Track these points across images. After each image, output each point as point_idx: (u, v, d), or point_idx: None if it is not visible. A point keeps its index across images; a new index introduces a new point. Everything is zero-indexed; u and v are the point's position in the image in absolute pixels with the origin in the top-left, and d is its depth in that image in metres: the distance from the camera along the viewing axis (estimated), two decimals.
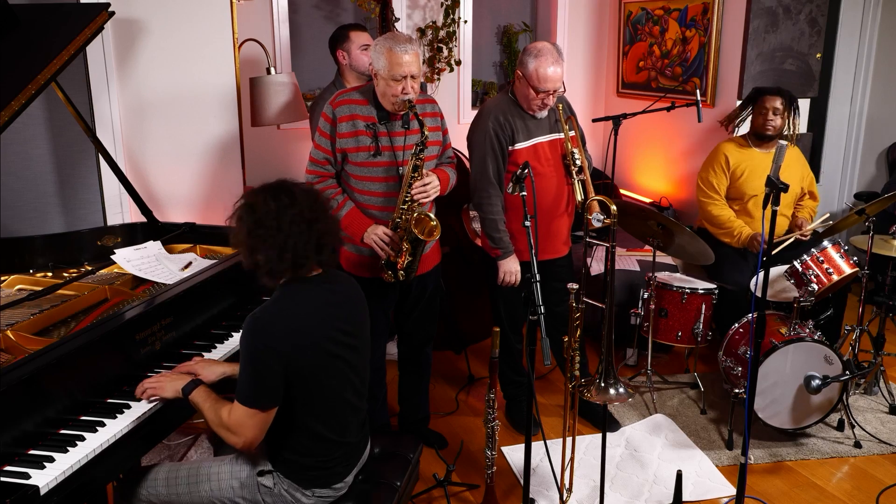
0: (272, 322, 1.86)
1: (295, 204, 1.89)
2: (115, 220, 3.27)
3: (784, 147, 2.24)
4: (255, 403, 1.84)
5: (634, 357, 3.88)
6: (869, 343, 3.59)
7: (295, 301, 1.92)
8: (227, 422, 1.88)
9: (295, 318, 1.89)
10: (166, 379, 2.05)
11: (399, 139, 2.68)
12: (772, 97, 3.63)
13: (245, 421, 1.85)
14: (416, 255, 2.68)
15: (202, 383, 2.02)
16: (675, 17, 4.60)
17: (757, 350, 2.59)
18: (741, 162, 3.70)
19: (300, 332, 1.87)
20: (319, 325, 1.92)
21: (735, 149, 3.75)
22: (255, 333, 1.84)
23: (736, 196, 3.73)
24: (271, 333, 1.84)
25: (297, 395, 1.90)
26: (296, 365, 1.86)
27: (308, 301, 1.93)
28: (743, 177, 3.70)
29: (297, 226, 1.88)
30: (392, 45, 2.55)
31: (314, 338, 1.90)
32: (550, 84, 2.89)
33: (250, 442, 1.88)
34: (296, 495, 1.99)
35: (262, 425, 1.87)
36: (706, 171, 3.78)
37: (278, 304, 1.91)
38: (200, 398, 1.97)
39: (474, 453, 3.12)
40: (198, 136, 3.38)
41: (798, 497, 2.86)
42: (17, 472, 1.70)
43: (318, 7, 4.53)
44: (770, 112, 3.62)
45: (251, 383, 1.84)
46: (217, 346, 2.41)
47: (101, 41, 3.08)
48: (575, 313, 2.48)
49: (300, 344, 1.86)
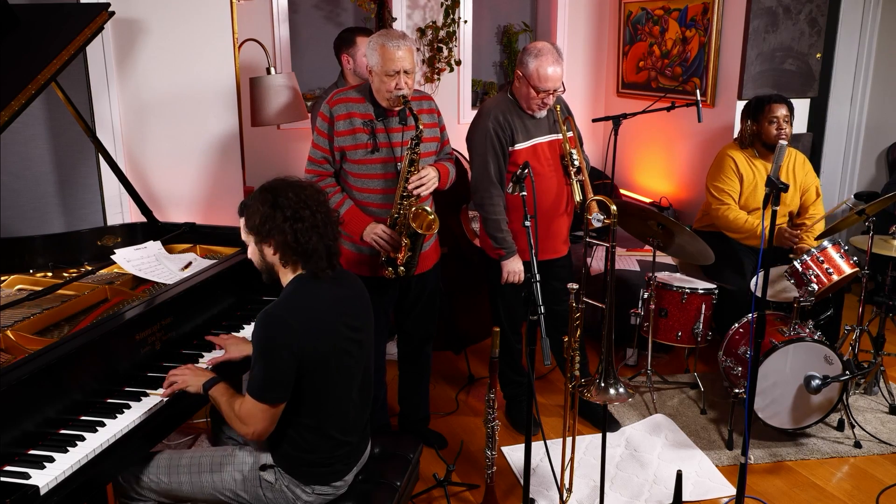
0: (286, 318, 1.88)
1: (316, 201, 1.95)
2: (115, 220, 3.26)
3: (784, 147, 2.24)
4: (265, 398, 1.88)
5: (634, 357, 3.88)
6: (869, 343, 3.59)
7: (307, 297, 1.94)
8: (239, 412, 1.92)
9: (308, 313, 1.91)
10: (191, 373, 2.08)
11: (396, 135, 2.68)
12: (779, 105, 3.55)
13: (255, 413, 1.89)
14: (415, 249, 2.69)
15: (222, 381, 2.04)
16: (675, 17, 4.60)
17: (757, 350, 2.59)
18: (748, 173, 3.63)
19: (313, 326, 1.90)
20: (331, 320, 1.95)
21: (741, 156, 3.66)
22: (269, 329, 1.86)
23: (742, 207, 3.69)
24: (285, 329, 1.86)
25: (305, 388, 1.92)
26: (308, 360, 1.88)
27: (320, 297, 1.96)
28: (751, 189, 3.63)
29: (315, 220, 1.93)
30: (385, 41, 2.56)
31: (327, 332, 1.93)
32: (551, 84, 2.89)
33: (259, 433, 1.92)
34: (296, 491, 2.00)
35: (272, 418, 1.91)
36: (716, 178, 3.67)
37: (290, 300, 1.93)
38: (218, 393, 2.01)
39: (474, 453, 3.12)
40: (198, 136, 3.38)
41: (798, 497, 2.86)
42: (17, 472, 1.70)
43: (318, 7, 4.53)
44: (781, 121, 3.54)
45: (263, 378, 1.87)
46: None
47: (101, 41, 3.07)
48: (575, 313, 2.48)
49: (313, 339, 1.89)
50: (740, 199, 3.65)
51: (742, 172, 3.63)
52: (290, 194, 1.93)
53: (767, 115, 3.57)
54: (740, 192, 3.64)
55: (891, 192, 3.63)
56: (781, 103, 3.57)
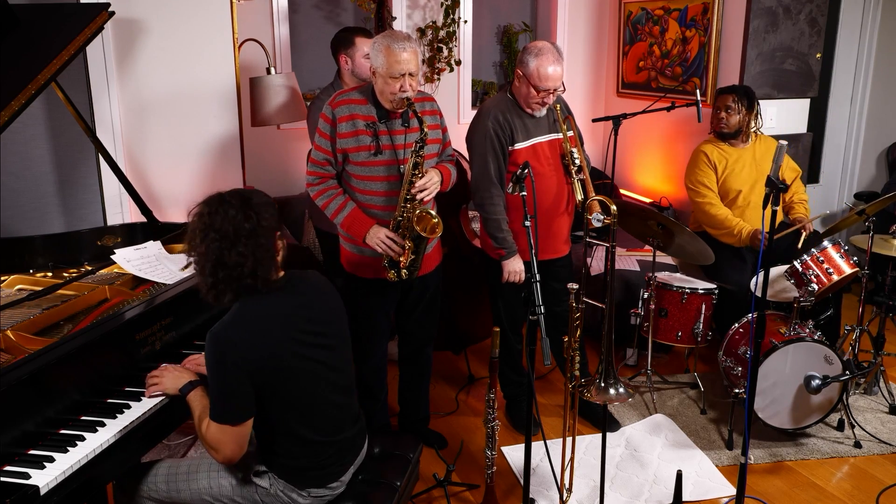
0: (230, 335, 1.81)
1: (223, 223, 1.81)
2: (115, 220, 3.27)
3: (784, 147, 2.24)
4: (226, 419, 1.82)
5: (634, 357, 3.87)
6: (869, 343, 3.59)
7: (252, 310, 1.86)
8: (206, 437, 1.87)
9: (253, 329, 1.83)
10: (168, 374, 2.05)
11: (399, 137, 2.67)
12: (723, 96, 3.73)
13: (220, 437, 1.84)
14: (418, 252, 2.68)
15: (201, 384, 2.01)
16: (675, 17, 4.60)
17: (757, 350, 2.59)
18: (720, 160, 3.73)
19: (260, 342, 1.82)
20: (281, 331, 1.87)
21: (712, 148, 3.77)
22: (216, 348, 1.80)
23: (721, 194, 3.74)
24: (231, 347, 1.79)
25: (273, 402, 1.88)
26: (262, 374, 1.82)
27: (266, 308, 1.88)
28: (725, 174, 3.72)
29: (215, 248, 1.81)
30: (390, 42, 2.55)
31: (277, 344, 1.85)
32: (551, 83, 2.89)
33: (230, 457, 1.86)
34: (291, 496, 1.99)
35: (239, 439, 1.85)
36: (692, 173, 3.78)
37: (235, 317, 1.85)
38: (195, 401, 1.97)
39: (474, 453, 3.12)
40: (198, 135, 3.38)
41: (798, 497, 2.86)
42: (17, 472, 1.70)
43: (318, 7, 4.53)
44: (721, 111, 3.71)
45: (220, 399, 1.82)
46: None
47: (101, 41, 3.07)
48: (575, 313, 2.48)
49: (262, 354, 1.82)
50: (718, 184, 3.74)
51: (714, 162, 3.74)
52: (203, 218, 1.82)
53: (716, 103, 3.77)
54: (717, 180, 3.74)
55: (891, 192, 3.64)
56: (728, 93, 3.72)
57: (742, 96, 3.68)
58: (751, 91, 3.73)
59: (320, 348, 1.96)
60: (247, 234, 1.82)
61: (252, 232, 1.82)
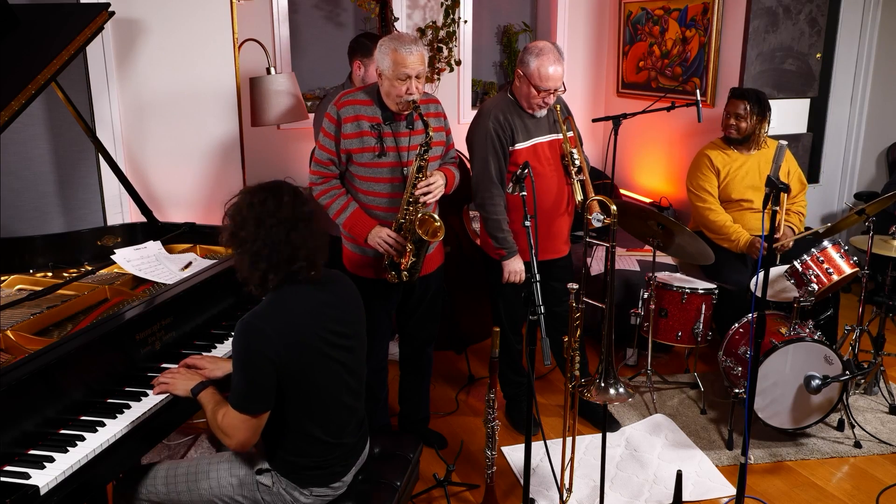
0: (262, 326, 1.83)
1: (279, 209, 1.85)
2: (115, 220, 3.27)
3: (784, 147, 2.24)
4: (246, 409, 1.85)
5: (634, 357, 3.87)
6: (869, 343, 3.59)
7: (285, 303, 1.89)
8: (221, 424, 1.90)
9: (285, 320, 1.87)
10: (180, 377, 2.07)
11: (404, 139, 2.67)
12: (735, 101, 3.69)
13: (238, 425, 1.86)
14: (419, 255, 2.68)
15: (211, 384, 2.03)
16: (675, 17, 4.60)
17: (757, 350, 2.59)
18: (724, 165, 3.72)
19: (291, 334, 1.85)
20: (311, 327, 1.90)
21: (717, 152, 3.75)
22: (246, 338, 1.82)
23: (722, 198, 3.73)
24: (262, 337, 1.82)
25: (290, 397, 1.89)
26: (288, 368, 1.85)
27: (298, 303, 1.91)
28: (727, 180, 3.71)
29: (275, 232, 1.84)
30: (397, 45, 2.55)
31: (306, 339, 1.88)
32: (552, 83, 2.89)
33: (242, 444, 1.89)
34: (294, 494, 1.99)
35: (255, 429, 1.88)
36: (694, 176, 3.78)
37: (268, 308, 1.88)
38: (206, 399, 1.99)
39: (474, 453, 3.12)
40: (198, 136, 3.38)
41: (798, 497, 2.86)
42: (17, 472, 1.70)
43: (318, 7, 4.53)
44: (732, 117, 3.68)
45: (243, 388, 1.84)
46: (217, 345, 2.42)
47: (101, 41, 3.07)
48: (575, 313, 2.48)
49: (291, 346, 1.85)
50: (720, 189, 3.72)
51: (717, 166, 3.72)
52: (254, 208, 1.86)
53: (727, 107, 3.74)
54: (719, 185, 3.73)
55: (891, 192, 3.64)
56: (740, 99, 3.68)
57: (754, 103, 3.64)
58: (763, 98, 3.69)
59: (343, 349, 1.98)
60: (305, 218, 1.87)
61: (309, 216, 1.88)
